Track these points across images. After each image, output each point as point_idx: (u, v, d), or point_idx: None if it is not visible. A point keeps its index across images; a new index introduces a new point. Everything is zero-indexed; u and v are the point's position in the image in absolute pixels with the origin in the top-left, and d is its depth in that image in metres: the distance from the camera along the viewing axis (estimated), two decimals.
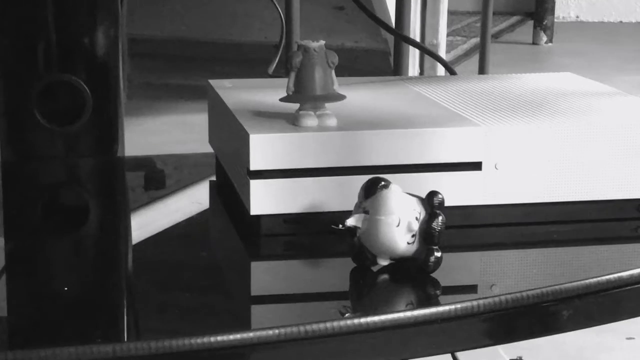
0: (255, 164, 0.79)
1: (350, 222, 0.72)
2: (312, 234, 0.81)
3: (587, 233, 0.84)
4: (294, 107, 0.82)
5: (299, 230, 0.80)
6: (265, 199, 0.79)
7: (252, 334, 0.63)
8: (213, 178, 0.99)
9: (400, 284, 0.73)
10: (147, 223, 0.89)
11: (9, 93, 1.05)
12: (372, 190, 0.73)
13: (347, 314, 0.67)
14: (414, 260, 0.73)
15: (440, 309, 0.67)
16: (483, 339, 0.70)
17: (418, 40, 2.67)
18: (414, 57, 2.77)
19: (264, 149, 0.79)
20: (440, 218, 0.72)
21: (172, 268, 0.78)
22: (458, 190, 0.81)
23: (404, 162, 0.81)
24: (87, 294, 0.73)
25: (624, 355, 1.53)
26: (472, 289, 0.75)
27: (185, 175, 1.08)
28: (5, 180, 1.04)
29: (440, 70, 2.80)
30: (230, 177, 0.89)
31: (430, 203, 0.72)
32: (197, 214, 0.92)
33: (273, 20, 3.08)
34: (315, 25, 3.13)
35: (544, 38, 4.09)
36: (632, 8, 4.88)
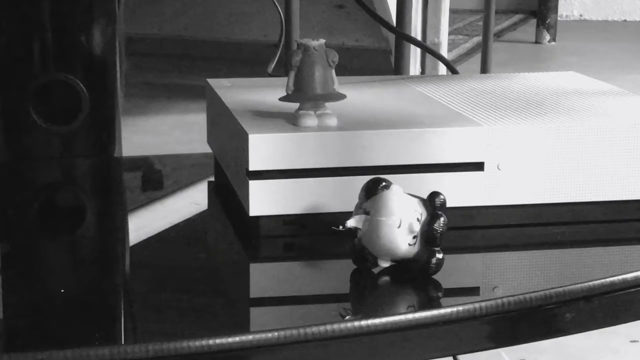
0: (255, 164, 0.79)
1: (351, 223, 0.72)
2: (312, 235, 0.81)
3: (591, 234, 0.84)
4: (294, 106, 0.82)
5: (299, 232, 0.80)
6: (265, 200, 0.79)
7: (251, 337, 0.63)
8: (211, 179, 0.99)
9: (402, 286, 0.73)
10: (144, 224, 0.89)
11: (5, 92, 1.05)
12: (372, 191, 0.72)
13: (347, 317, 0.67)
14: (416, 262, 0.72)
15: (442, 312, 0.67)
16: (485, 342, 0.70)
17: (419, 39, 2.67)
18: (416, 56, 2.78)
19: (263, 149, 0.79)
20: (442, 219, 0.71)
21: (170, 270, 0.78)
22: (460, 191, 0.81)
23: (405, 162, 0.80)
24: (84, 296, 0.73)
25: (628, 358, 1.52)
26: (474, 291, 0.74)
27: (184, 176, 1.08)
28: (1, 181, 1.03)
29: (442, 70, 2.80)
30: (229, 177, 0.88)
31: (432, 204, 0.72)
32: (195, 215, 0.92)
33: (272, 19, 3.08)
34: (315, 24, 3.13)
35: (547, 37, 4.08)
36: (636, 6, 4.89)
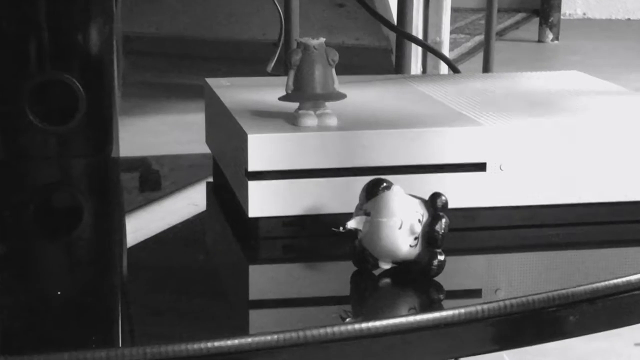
0: (254, 165, 0.79)
1: (351, 224, 0.72)
2: (311, 237, 0.80)
3: (594, 236, 0.84)
4: (294, 106, 0.82)
5: (299, 233, 0.80)
6: (264, 201, 0.79)
7: (250, 340, 0.63)
8: (210, 179, 0.99)
9: (403, 288, 0.73)
10: (142, 225, 0.89)
11: (1, 92, 1.05)
12: (373, 192, 0.72)
13: (347, 319, 0.67)
14: (417, 264, 0.72)
15: (444, 314, 0.67)
16: (488, 345, 0.69)
17: (421, 38, 2.67)
18: (417, 55, 2.78)
19: (263, 150, 0.78)
20: (444, 220, 0.71)
21: (167, 272, 0.78)
22: (462, 192, 0.81)
23: (406, 162, 0.80)
24: (81, 298, 0.73)
25: None
26: (476, 294, 0.74)
27: (182, 177, 1.08)
28: None
29: (444, 69, 2.81)
30: (228, 178, 0.88)
31: (434, 205, 0.72)
32: (193, 216, 0.92)
33: (272, 18, 3.08)
34: (315, 23, 3.13)
35: (550, 36, 4.09)
36: None
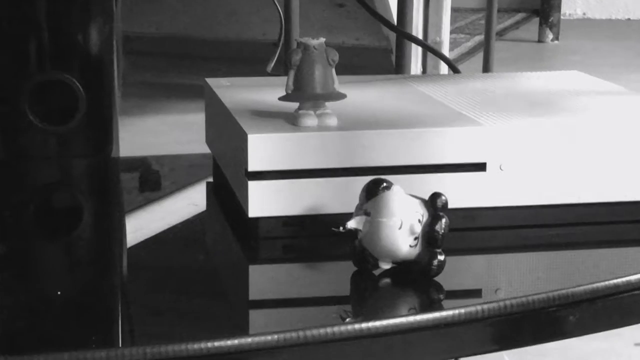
0: (254, 165, 0.79)
1: (351, 224, 0.71)
2: (312, 237, 0.80)
3: (594, 236, 0.84)
4: (294, 106, 0.82)
5: (299, 233, 0.80)
6: (264, 201, 0.79)
7: (250, 340, 0.62)
8: (210, 179, 0.99)
9: (403, 288, 0.73)
10: (142, 225, 0.89)
11: (1, 92, 1.05)
12: (373, 192, 0.72)
13: (347, 319, 0.67)
14: (417, 264, 0.72)
15: (444, 314, 0.67)
16: (488, 345, 0.69)
17: (421, 38, 2.67)
18: (417, 55, 2.78)
19: (263, 150, 0.78)
20: (444, 220, 0.71)
21: (167, 272, 0.78)
22: (462, 192, 0.81)
23: (406, 162, 0.80)
24: (80, 298, 0.73)
25: None
26: (476, 294, 0.74)
27: (182, 177, 1.08)
28: None
29: (444, 69, 2.81)
30: (228, 178, 0.88)
31: (434, 205, 0.72)
32: (193, 216, 0.91)
33: (272, 17, 3.08)
34: (315, 23, 3.13)
35: (550, 35, 4.08)
36: None
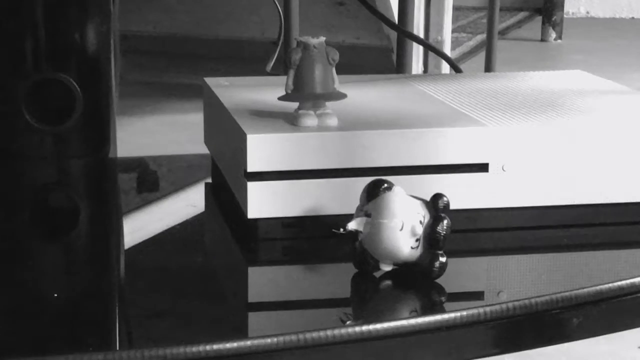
0: (253, 166, 0.78)
1: (352, 225, 0.71)
2: (311, 238, 0.80)
3: (598, 237, 0.84)
4: (293, 106, 0.82)
5: (298, 235, 0.80)
6: (263, 202, 0.79)
7: (249, 343, 0.62)
8: (209, 180, 0.99)
9: (404, 291, 0.73)
10: (140, 227, 0.89)
11: None
12: (374, 193, 0.72)
13: (348, 322, 0.67)
14: (418, 266, 0.72)
15: (445, 317, 0.66)
16: (490, 348, 0.69)
17: (422, 37, 2.67)
18: (418, 54, 2.78)
19: (262, 150, 0.78)
20: (446, 222, 0.71)
21: (166, 274, 0.78)
22: (464, 193, 0.81)
23: (408, 163, 0.80)
24: (78, 301, 0.73)
25: None
26: (478, 296, 0.74)
27: (180, 177, 1.08)
28: None
29: (445, 68, 2.80)
30: (227, 179, 0.88)
31: (435, 206, 0.72)
32: (192, 218, 0.91)
33: (271, 16, 3.07)
34: (315, 21, 3.12)
35: (553, 35, 4.08)
36: None
